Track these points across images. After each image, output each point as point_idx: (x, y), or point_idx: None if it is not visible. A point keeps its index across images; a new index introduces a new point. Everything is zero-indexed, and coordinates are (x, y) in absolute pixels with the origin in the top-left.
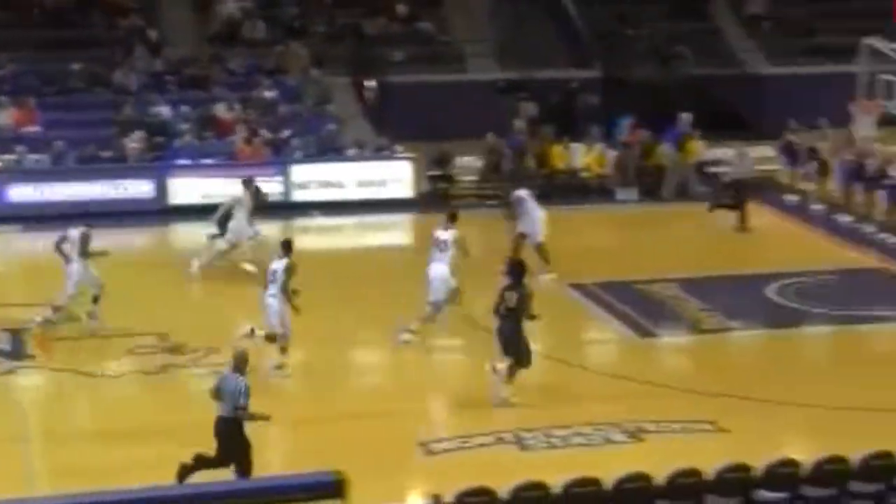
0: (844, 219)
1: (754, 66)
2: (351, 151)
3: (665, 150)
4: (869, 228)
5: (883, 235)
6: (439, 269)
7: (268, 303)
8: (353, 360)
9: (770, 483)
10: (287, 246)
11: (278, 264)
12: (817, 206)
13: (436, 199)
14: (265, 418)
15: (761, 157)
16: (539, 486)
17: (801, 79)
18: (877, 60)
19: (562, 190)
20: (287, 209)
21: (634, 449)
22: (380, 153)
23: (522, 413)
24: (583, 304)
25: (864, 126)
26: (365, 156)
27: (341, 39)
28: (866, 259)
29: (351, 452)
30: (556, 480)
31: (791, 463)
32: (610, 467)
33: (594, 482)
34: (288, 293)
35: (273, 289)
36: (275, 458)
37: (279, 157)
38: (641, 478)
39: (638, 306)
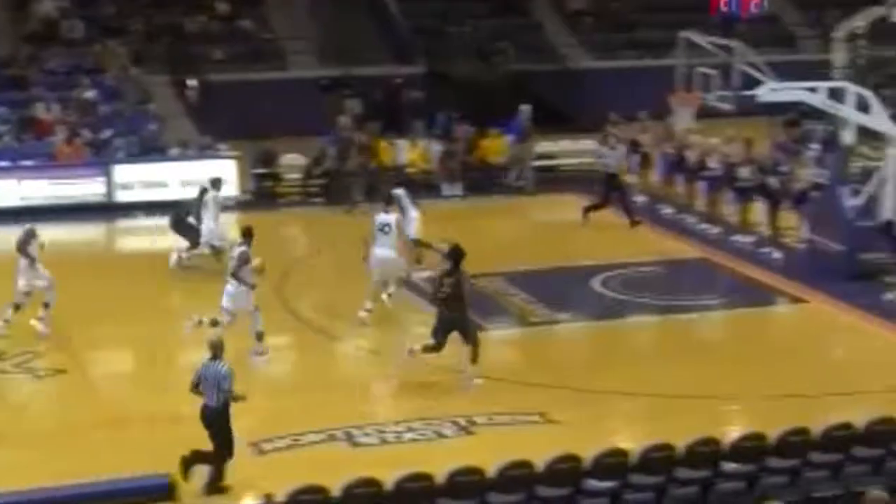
0: (666, 210)
1: (575, 60)
2: (174, 151)
3: (509, 144)
4: (690, 219)
5: (703, 226)
6: (384, 252)
7: (225, 288)
8: (180, 360)
9: (599, 472)
10: (247, 233)
11: (236, 251)
12: (640, 198)
13: (261, 197)
14: (244, 398)
15: (584, 150)
16: (371, 483)
17: (622, 72)
18: (694, 54)
19: (388, 186)
20: (110, 210)
21: (465, 442)
22: (203, 152)
23: (353, 410)
24: (410, 299)
25: (682, 118)
26: (188, 155)
27: (160, 38)
28: (688, 249)
29: (179, 453)
30: (389, 476)
31: (619, 452)
32: (441, 461)
33: (426, 477)
34: (240, 279)
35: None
36: (103, 460)
37: (101, 158)
38: (473, 471)
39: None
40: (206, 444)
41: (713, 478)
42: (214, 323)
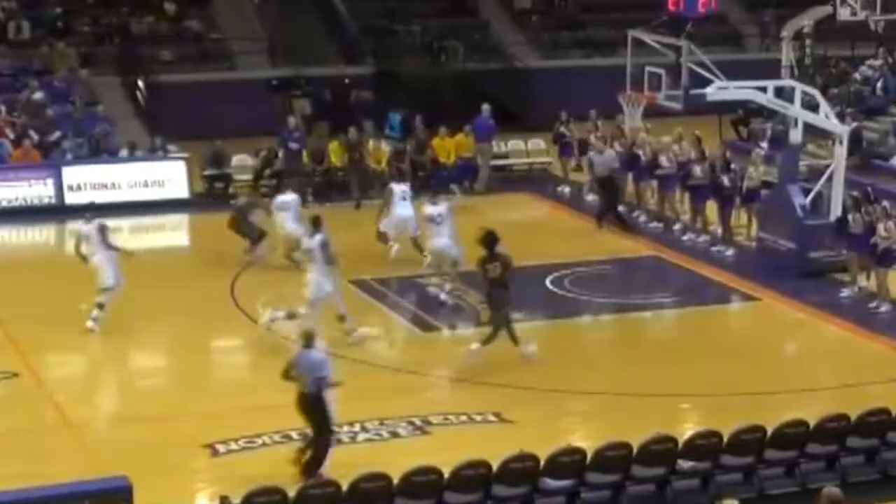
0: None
1: (524, 59)
2: (123, 152)
3: (477, 143)
4: (641, 217)
5: (654, 224)
6: (442, 241)
7: (308, 279)
8: (133, 363)
9: (555, 471)
10: (316, 222)
11: (312, 242)
12: (590, 197)
13: (212, 198)
14: (341, 384)
15: (533, 149)
16: (327, 483)
17: (570, 71)
18: (643, 52)
19: (339, 186)
20: (60, 212)
21: (421, 442)
22: (153, 153)
23: None
24: (364, 300)
25: (632, 117)
26: (138, 156)
27: (108, 39)
28: (639, 247)
29: (134, 456)
30: (345, 476)
31: (575, 451)
32: (397, 462)
33: (382, 477)
34: (332, 263)
35: (314, 266)
36: (58, 463)
37: (50, 160)
38: (429, 471)
39: (419, 301)
40: (160, 445)
41: (669, 476)
42: (291, 316)
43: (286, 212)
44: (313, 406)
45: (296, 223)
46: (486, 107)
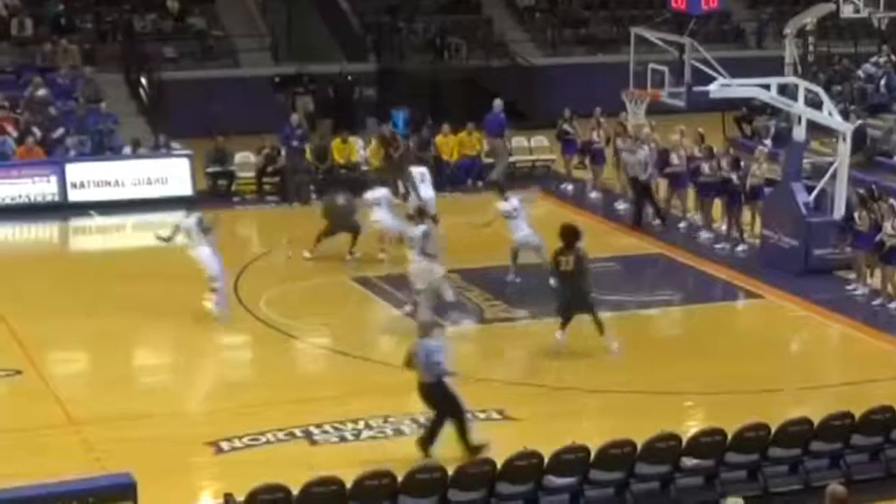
0: (622, 206)
1: (527, 57)
2: (127, 149)
3: (489, 138)
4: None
5: (659, 221)
6: (522, 233)
7: (411, 269)
8: (137, 360)
9: (559, 469)
10: (419, 213)
11: (418, 230)
12: (595, 194)
13: (215, 195)
14: (455, 374)
15: (537, 147)
16: (331, 481)
17: (573, 69)
18: (646, 49)
19: (342, 184)
20: (63, 209)
21: None
22: (156, 151)
23: (312, 408)
24: (368, 297)
25: (635, 115)
26: (141, 154)
27: (112, 36)
28: (646, 245)
29: (138, 454)
30: (349, 474)
31: (579, 449)
32: (402, 459)
33: (387, 474)
34: (427, 254)
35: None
36: (62, 461)
37: (53, 157)
38: (434, 468)
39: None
40: (164, 443)
41: (673, 473)
42: (415, 304)
43: (378, 206)
44: (434, 394)
45: (390, 216)
46: (497, 102)
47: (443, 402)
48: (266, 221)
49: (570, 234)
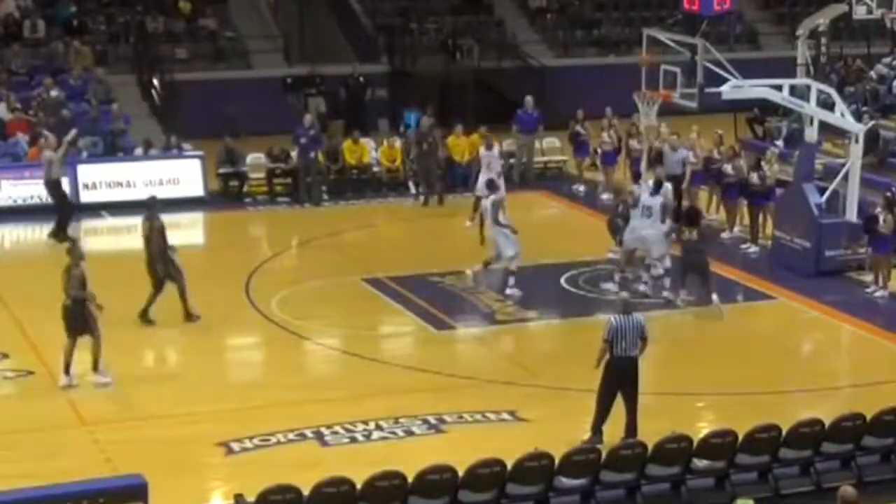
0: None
1: (539, 58)
2: (138, 150)
3: (521, 135)
4: None
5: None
6: (648, 232)
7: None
8: (147, 360)
9: (570, 470)
10: (492, 184)
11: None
12: (606, 196)
13: (227, 196)
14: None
15: (548, 148)
16: (342, 482)
17: (585, 70)
18: (658, 50)
19: (354, 185)
20: (76, 210)
21: (436, 441)
22: (168, 152)
23: (323, 409)
24: (378, 298)
25: (647, 116)
26: (153, 155)
27: (124, 37)
28: None
29: (149, 455)
30: (359, 475)
31: (590, 450)
32: (412, 460)
33: (397, 475)
34: (501, 223)
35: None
36: (73, 461)
37: (66, 158)
38: (444, 469)
39: (433, 299)
40: (175, 443)
41: (684, 475)
42: (487, 263)
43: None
44: (636, 369)
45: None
46: (528, 99)
47: (636, 381)
48: (277, 223)
49: (692, 215)
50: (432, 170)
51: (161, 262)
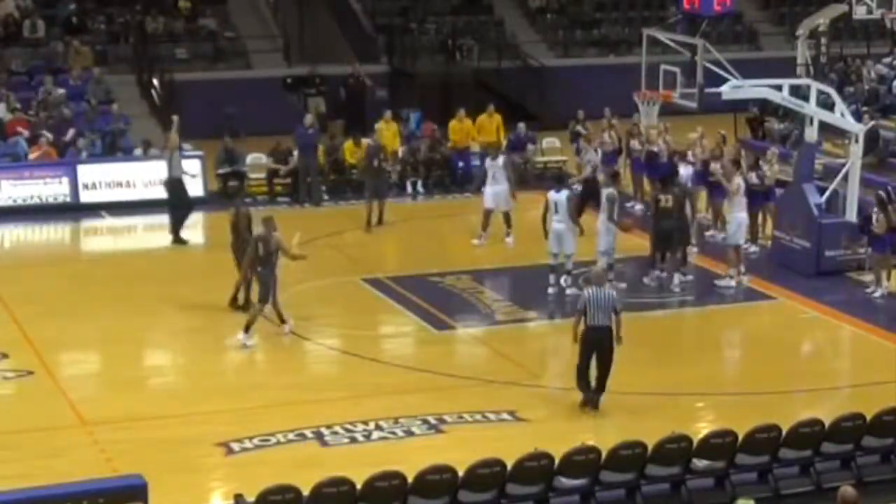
0: (636, 206)
1: (538, 58)
2: (138, 150)
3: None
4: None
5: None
6: (559, 226)
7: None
8: (147, 361)
9: (570, 470)
10: (615, 175)
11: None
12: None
13: (226, 196)
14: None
15: (548, 148)
16: (342, 482)
17: (585, 70)
18: (658, 51)
19: (354, 184)
20: (75, 210)
21: (436, 441)
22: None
23: (322, 409)
24: (378, 298)
25: (648, 116)
26: (153, 155)
27: (123, 37)
28: None
29: (149, 455)
30: (359, 475)
31: (590, 450)
32: (412, 460)
33: (397, 475)
34: (613, 220)
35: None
36: (72, 462)
37: (65, 158)
38: (444, 469)
39: (432, 299)
40: (175, 444)
41: (683, 475)
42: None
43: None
44: (609, 338)
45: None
46: (521, 125)
47: (611, 350)
48: (278, 222)
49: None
50: (382, 190)
51: (242, 250)
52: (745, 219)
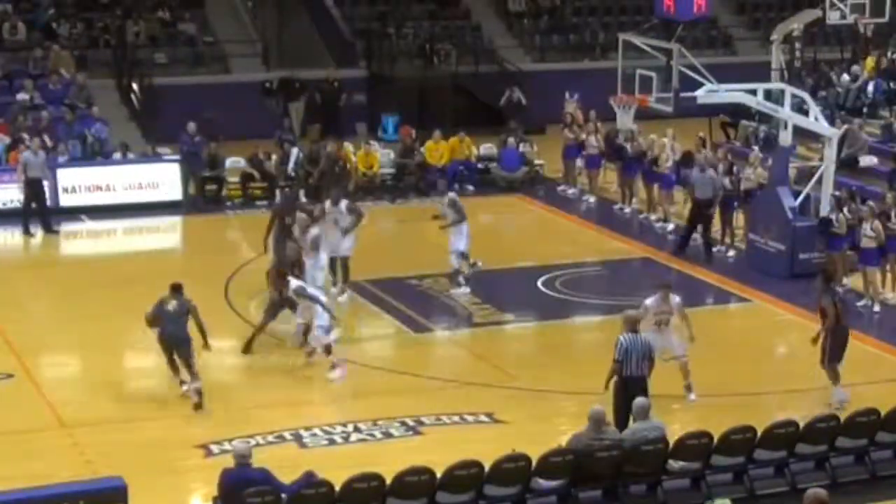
0: (623, 210)
1: (516, 62)
2: (117, 154)
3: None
4: (639, 218)
5: (660, 225)
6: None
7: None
8: (127, 364)
9: (547, 472)
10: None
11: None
12: (588, 198)
13: (205, 200)
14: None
15: (526, 152)
16: (320, 484)
17: (562, 74)
18: (634, 55)
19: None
20: (55, 214)
21: (414, 443)
22: (147, 156)
23: (301, 411)
24: (356, 301)
25: (625, 120)
26: (132, 159)
27: (103, 41)
28: (631, 249)
29: (128, 457)
30: (338, 477)
31: (567, 451)
32: (391, 461)
33: (375, 477)
34: None
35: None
36: (53, 464)
37: (45, 162)
38: (422, 471)
39: (411, 302)
40: (155, 446)
41: (660, 476)
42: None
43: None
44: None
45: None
46: (511, 139)
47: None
48: (256, 226)
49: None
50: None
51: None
52: None
